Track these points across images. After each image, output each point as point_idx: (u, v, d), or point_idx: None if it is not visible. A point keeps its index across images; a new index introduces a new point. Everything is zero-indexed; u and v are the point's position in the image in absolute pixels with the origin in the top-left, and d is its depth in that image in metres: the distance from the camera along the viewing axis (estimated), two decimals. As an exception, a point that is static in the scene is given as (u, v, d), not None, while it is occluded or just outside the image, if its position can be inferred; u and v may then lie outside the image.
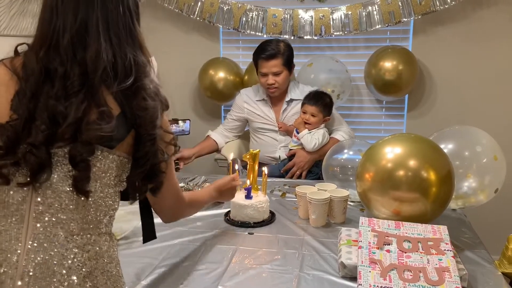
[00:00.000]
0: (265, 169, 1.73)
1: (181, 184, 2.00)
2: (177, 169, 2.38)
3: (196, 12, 2.92)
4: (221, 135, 2.63)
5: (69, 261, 0.90)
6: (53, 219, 0.90)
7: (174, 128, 2.33)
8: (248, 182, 1.69)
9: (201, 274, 1.30)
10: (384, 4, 2.68)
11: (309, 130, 2.37)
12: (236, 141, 2.71)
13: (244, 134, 2.77)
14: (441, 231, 1.31)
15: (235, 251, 1.43)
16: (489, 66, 2.79)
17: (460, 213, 1.75)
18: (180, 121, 2.36)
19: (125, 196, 1.03)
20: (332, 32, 2.78)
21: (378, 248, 1.25)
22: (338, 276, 1.29)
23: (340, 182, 1.88)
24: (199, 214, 1.72)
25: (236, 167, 2.07)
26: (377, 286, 1.13)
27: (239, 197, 1.67)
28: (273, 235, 1.56)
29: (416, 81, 2.80)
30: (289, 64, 2.41)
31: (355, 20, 2.74)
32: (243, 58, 3.14)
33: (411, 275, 1.16)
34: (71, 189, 0.91)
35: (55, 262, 0.89)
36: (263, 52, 2.40)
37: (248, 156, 1.69)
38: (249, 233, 1.58)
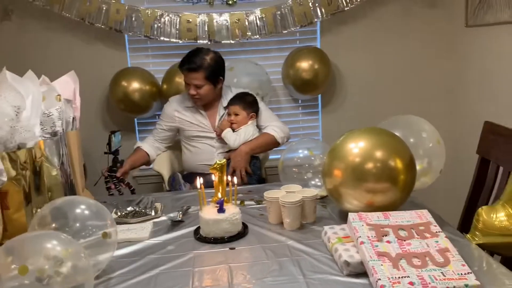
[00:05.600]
0: (234, 179, 1.66)
1: (130, 208, 1.82)
2: (121, 193, 2.20)
3: (102, 20, 2.69)
4: (152, 146, 2.48)
5: None
6: None
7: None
8: (219, 195, 1.60)
9: (206, 301, 1.19)
10: (296, 6, 2.76)
11: (235, 129, 2.36)
12: (166, 153, 2.56)
13: (172, 146, 2.63)
14: (425, 215, 1.39)
15: (230, 270, 1.34)
16: (388, 60, 3.06)
17: (413, 196, 1.87)
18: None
19: None
20: (249, 35, 2.78)
21: (378, 241, 1.28)
22: (343, 275, 1.29)
23: (298, 182, 1.88)
24: (166, 237, 1.61)
25: (182, 183, 1.96)
26: (395, 277, 1.15)
27: (211, 212, 1.57)
28: (257, 246, 1.50)
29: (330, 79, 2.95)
30: (212, 78, 2.33)
31: (270, 22, 2.78)
32: (154, 66, 2.98)
33: (419, 262, 1.20)
34: None
35: None
36: (185, 63, 2.32)
37: (215, 168, 1.60)
38: (230, 248, 1.50)
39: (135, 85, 2.76)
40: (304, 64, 2.81)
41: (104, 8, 2.68)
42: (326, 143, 1.96)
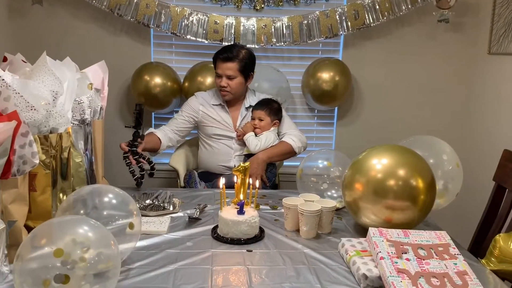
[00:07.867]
0: (256, 183, 1.68)
1: (148, 201, 1.85)
2: (142, 170, 2.12)
3: (131, 13, 2.72)
4: (166, 135, 2.42)
5: None
6: None
7: None
8: (241, 196, 1.62)
9: (225, 300, 1.21)
10: (323, 17, 2.79)
11: (257, 134, 2.38)
12: (183, 150, 2.58)
13: (189, 142, 2.65)
14: (444, 236, 1.41)
15: (248, 272, 1.36)
16: (407, 80, 3.08)
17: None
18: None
19: None
20: (274, 42, 2.81)
21: (398, 258, 1.30)
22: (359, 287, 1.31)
23: (314, 191, 1.90)
24: (184, 233, 1.63)
25: (197, 181, 1.97)
26: (414, 295, 1.17)
27: (231, 212, 1.59)
28: (273, 251, 1.52)
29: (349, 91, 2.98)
30: (245, 72, 2.39)
31: (296, 31, 2.81)
32: (177, 63, 3.01)
33: (437, 282, 1.22)
34: None
35: None
36: (222, 53, 2.38)
37: (239, 170, 1.62)
38: (247, 250, 1.52)
39: (158, 80, 2.78)
40: (325, 75, 2.83)
41: (135, 1, 2.71)
42: (346, 156, 1.98)
